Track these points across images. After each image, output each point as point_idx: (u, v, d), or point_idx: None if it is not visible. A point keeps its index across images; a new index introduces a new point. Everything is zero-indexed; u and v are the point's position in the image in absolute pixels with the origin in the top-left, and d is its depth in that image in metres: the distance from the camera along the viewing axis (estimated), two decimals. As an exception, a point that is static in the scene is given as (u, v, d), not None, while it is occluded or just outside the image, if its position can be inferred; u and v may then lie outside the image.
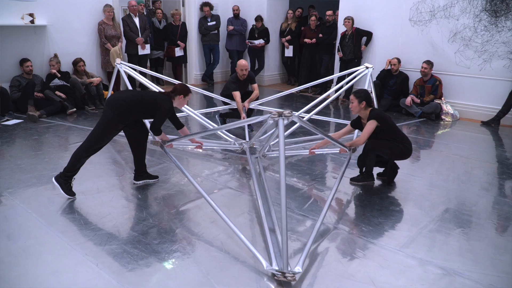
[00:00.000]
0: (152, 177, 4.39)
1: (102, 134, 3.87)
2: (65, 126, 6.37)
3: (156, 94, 4.08)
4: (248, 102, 6.09)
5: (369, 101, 4.30)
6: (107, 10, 7.92)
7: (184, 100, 4.15)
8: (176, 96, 4.08)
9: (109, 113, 3.84)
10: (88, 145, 3.86)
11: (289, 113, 3.14)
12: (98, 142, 3.88)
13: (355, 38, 8.27)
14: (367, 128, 4.23)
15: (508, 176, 4.82)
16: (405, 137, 4.36)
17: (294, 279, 2.72)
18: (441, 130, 6.78)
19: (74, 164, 3.90)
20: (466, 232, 3.51)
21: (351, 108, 4.36)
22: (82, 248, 3.13)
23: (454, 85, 7.47)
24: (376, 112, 4.27)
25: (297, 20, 10.05)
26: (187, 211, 3.79)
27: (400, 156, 4.33)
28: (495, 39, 6.93)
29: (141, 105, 3.89)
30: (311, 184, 4.48)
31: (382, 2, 8.08)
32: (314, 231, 3.22)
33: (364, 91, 4.34)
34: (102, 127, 3.87)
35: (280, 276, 2.73)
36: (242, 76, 6.09)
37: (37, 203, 3.84)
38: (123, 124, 3.93)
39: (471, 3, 7.06)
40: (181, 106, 4.22)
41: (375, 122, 4.20)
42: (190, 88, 4.22)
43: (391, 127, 4.28)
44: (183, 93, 4.10)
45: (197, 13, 9.93)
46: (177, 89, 4.10)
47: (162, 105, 3.90)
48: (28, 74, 7.00)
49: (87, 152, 3.88)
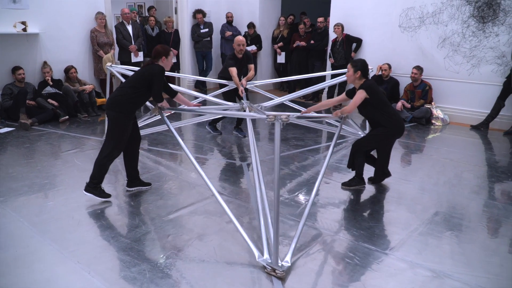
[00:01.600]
0: (144, 184, 4.40)
1: (118, 136, 3.94)
2: (57, 134, 6.36)
3: (141, 69, 4.11)
4: (245, 80, 6.00)
5: (365, 71, 4.25)
6: (99, 17, 7.95)
7: (167, 60, 4.11)
8: (159, 59, 4.07)
9: (113, 114, 3.91)
10: (108, 151, 3.95)
11: (286, 118, 2.97)
12: (117, 146, 3.97)
13: (345, 44, 8.36)
14: (356, 98, 4.22)
15: (497, 179, 4.88)
16: (394, 113, 4.32)
17: (283, 275, 2.87)
18: (432, 134, 6.85)
19: (99, 172, 4.00)
20: (457, 234, 3.55)
21: (347, 76, 4.34)
22: (74, 256, 3.13)
23: (444, 90, 7.56)
24: (367, 83, 4.23)
25: (289, 27, 10.14)
26: (180, 217, 3.80)
27: (389, 138, 4.33)
28: (483, 44, 7.03)
29: (135, 86, 3.93)
30: (302, 190, 4.51)
31: (372, 9, 8.18)
32: (303, 219, 3.35)
33: (362, 61, 4.29)
34: (114, 130, 3.94)
35: (270, 270, 2.92)
36: (239, 52, 6.04)
37: (29, 211, 3.84)
38: (131, 117, 4.01)
39: (459, 10, 7.16)
40: (168, 67, 4.16)
41: (364, 92, 4.16)
42: (166, 47, 4.20)
43: (380, 101, 4.23)
44: (164, 54, 4.07)
45: (190, 20, 9.99)
46: (157, 53, 4.08)
47: (152, 71, 3.94)
48: (20, 82, 6.99)
49: (110, 157, 3.98)
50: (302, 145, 6.02)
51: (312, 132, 6.71)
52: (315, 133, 6.71)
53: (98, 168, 3.98)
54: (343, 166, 5.16)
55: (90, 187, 4.01)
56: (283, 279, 2.89)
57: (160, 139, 6.16)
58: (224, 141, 6.24)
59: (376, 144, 4.37)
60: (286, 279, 2.89)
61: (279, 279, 2.88)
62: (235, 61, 6.07)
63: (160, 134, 6.39)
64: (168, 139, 6.21)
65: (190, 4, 9.91)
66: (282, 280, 2.88)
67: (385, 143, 4.36)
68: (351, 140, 6.27)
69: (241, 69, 6.16)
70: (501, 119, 6.96)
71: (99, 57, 7.97)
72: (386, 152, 4.41)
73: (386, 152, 4.42)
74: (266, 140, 6.37)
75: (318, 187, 3.67)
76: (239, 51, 6.04)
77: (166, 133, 6.54)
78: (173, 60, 9.56)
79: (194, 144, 6.11)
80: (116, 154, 4.02)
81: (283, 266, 2.96)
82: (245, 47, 6.10)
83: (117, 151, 4.00)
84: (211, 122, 6.48)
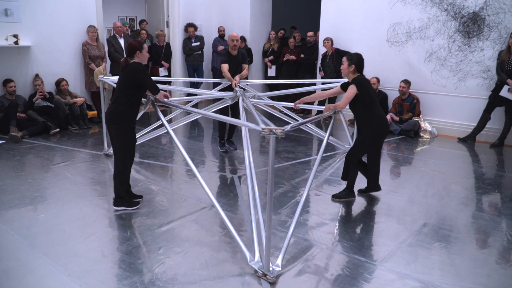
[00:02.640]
0: (136, 196, 4.39)
1: (126, 145, 4.04)
2: (48, 146, 6.35)
3: (121, 75, 4.04)
4: (238, 77, 5.90)
5: (359, 66, 4.26)
6: (91, 31, 8.01)
7: (143, 54, 4.05)
8: (134, 55, 4.02)
9: (117, 127, 3.99)
10: (122, 163, 4.05)
11: (282, 132, 2.88)
12: (128, 154, 4.07)
13: (335, 58, 8.49)
14: (347, 93, 4.23)
15: (484, 191, 4.97)
16: (380, 115, 4.31)
17: (274, 280, 2.99)
18: (420, 147, 6.96)
19: (121, 184, 4.11)
20: (445, 246, 3.61)
21: (341, 69, 4.35)
22: (66, 269, 3.13)
23: (431, 103, 7.70)
24: (359, 78, 4.23)
25: (280, 40, 10.28)
26: (171, 230, 3.81)
27: (377, 141, 4.36)
28: (469, 59, 7.20)
29: (125, 94, 3.94)
30: (292, 202, 4.55)
31: (360, 23, 8.34)
32: (294, 220, 3.44)
33: (358, 55, 4.30)
34: (122, 141, 4.02)
35: (261, 274, 3.03)
36: (233, 47, 5.96)
37: (19, 224, 3.82)
38: (134, 124, 4.09)
39: (445, 25, 7.33)
40: (144, 61, 4.10)
41: (354, 87, 4.17)
42: (139, 40, 4.14)
43: (368, 99, 4.23)
44: (137, 49, 4.01)
45: (182, 33, 10.08)
46: (131, 48, 4.01)
47: (133, 71, 3.93)
48: (11, 95, 6.98)
49: (125, 168, 4.10)
50: (293, 157, 6.08)
51: (302, 145, 6.78)
52: (306, 146, 6.77)
53: (118, 182, 4.11)
54: (334, 178, 5.22)
55: (119, 201, 4.16)
56: (273, 283, 2.98)
57: (151, 152, 6.18)
58: (215, 153, 6.28)
59: (366, 149, 4.41)
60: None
61: (270, 284, 2.97)
62: (228, 58, 5.97)
63: (151, 146, 6.41)
64: (159, 152, 6.23)
65: (182, 18, 10.01)
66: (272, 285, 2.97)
67: (374, 146, 4.40)
68: (341, 152, 6.35)
69: (235, 67, 6.03)
70: (487, 132, 7.09)
71: (91, 70, 8.01)
72: (377, 155, 4.46)
73: (377, 156, 4.47)
74: (257, 153, 6.41)
75: (307, 191, 3.72)
76: (233, 46, 5.95)
77: (157, 145, 6.57)
78: (165, 73, 9.70)
79: (185, 156, 6.13)
80: (129, 163, 4.14)
81: (274, 270, 3.05)
82: (239, 42, 6.03)
83: (129, 159, 4.12)
84: (220, 140, 6.35)
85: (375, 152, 4.46)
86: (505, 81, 6.45)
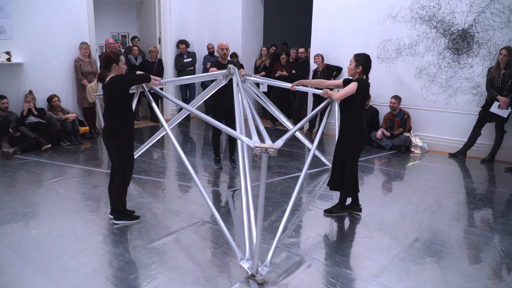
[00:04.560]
0: (134, 217, 4.33)
1: (125, 160, 4.06)
2: (40, 162, 6.32)
3: (104, 92, 3.99)
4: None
5: (366, 69, 4.22)
6: (83, 47, 8.07)
7: (119, 67, 3.96)
8: (110, 68, 3.95)
9: (116, 143, 4.00)
10: (123, 177, 4.08)
11: (274, 151, 2.90)
12: (127, 169, 4.10)
13: (326, 73, 8.59)
14: (347, 87, 4.16)
15: (476, 206, 5.01)
16: (360, 124, 4.27)
17: (262, 281, 3.14)
18: (411, 162, 7.01)
19: (120, 200, 4.16)
20: (437, 261, 3.62)
21: (348, 68, 4.30)
22: (57, 284, 3.10)
23: (422, 118, 7.79)
24: (363, 80, 4.20)
25: (271, 57, 10.39)
26: (163, 245, 3.80)
27: (358, 150, 4.33)
28: (458, 75, 7.31)
29: (115, 109, 3.92)
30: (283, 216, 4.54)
31: (351, 41, 8.46)
32: (283, 223, 3.55)
33: (366, 56, 4.23)
34: (122, 157, 4.04)
35: (250, 275, 3.20)
36: (223, 56, 5.90)
37: (11, 240, 3.79)
38: (133, 137, 4.10)
39: (434, 42, 7.47)
40: (123, 71, 4.03)
41: (356, 85, 4.12)
42: (116, 52, 4.09)
43: (361, 106, 4.22)
44: (114, 61, 3.93)
45: (174, 50, 10.16)
46: (107, 60, 3.93)
47: (111, 84, 3.88)
48: (3, 111, 6.96)
49: (125, 183, 4.14)
50: (285, 172, 6.10)
51: (295, 160, 6.80)
52: (298, 161, 6.80)
53: (118, 197, 4.14)
54: (326, 193, 5.23)
55: (119, 216, 4.19)
56: (261, 284, 3.11)
57: (143, 167, 6.17)
58: (207, 168, 6.28)
59: (355, 158, 4.36)
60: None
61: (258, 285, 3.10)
62: (218, 66, 5.87)
63: (143, 162, 6.41)
64: (151, 167, 6.22)
65: (174, 34, 10.10)
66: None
67: (356, 155, 4.36)
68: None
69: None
70: (478, 148, 7.17)
71: (83, 86, 8.04)
72: (355, 164, 4.40)
73: (355, 164, 4.40)
74: (249, 167, 6.40)
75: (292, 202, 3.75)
76: (223, 55, 5.91)
77: (149, 160, 6.56)
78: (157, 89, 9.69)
79: (177, 171, 6.14)
80: (128, 177, 4.16)
81: (263, 269, 3.20)
82: (229, 51, 6.00)
83: (128, 174, 4.14)
84: (216, 157, 6.29)
85: (355, 161, 4.41)
86: (495, 97, 6.54)
